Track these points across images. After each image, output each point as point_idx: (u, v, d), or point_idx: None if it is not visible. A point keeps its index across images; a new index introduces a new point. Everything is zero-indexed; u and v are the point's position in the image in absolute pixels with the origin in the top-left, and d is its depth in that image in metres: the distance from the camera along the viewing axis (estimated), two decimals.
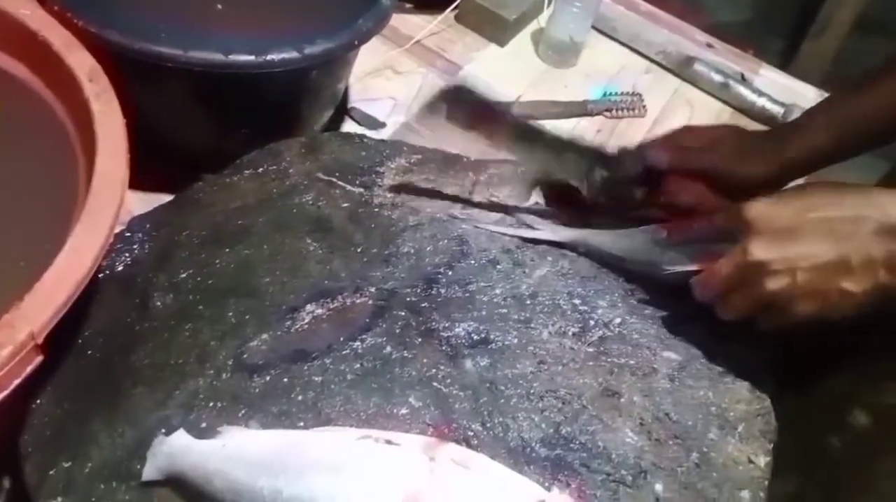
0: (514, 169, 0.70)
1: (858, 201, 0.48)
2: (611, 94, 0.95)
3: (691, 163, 0.61)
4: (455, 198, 0.65)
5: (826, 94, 1.06)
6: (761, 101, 0.98)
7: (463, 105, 0.71)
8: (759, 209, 0.50)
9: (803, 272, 0.48)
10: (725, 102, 1.00)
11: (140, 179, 0.56)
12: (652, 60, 1.03)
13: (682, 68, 1.02)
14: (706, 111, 0.98)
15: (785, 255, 0.48)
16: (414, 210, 0.64)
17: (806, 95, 1.05)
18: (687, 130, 0.65)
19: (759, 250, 0.49)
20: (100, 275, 0.57)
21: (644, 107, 0.95)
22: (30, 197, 0.56)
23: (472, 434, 0.49)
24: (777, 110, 0.98)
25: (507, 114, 0.71)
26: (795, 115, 0.96)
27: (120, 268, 0.58)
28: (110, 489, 0.46)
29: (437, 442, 0.45)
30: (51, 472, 0.47)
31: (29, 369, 0.45)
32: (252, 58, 0.59)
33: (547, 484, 0.45)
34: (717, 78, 1.00)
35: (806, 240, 0.48)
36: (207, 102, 0.67)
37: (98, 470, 0.47)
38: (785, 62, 1.19)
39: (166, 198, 0.65)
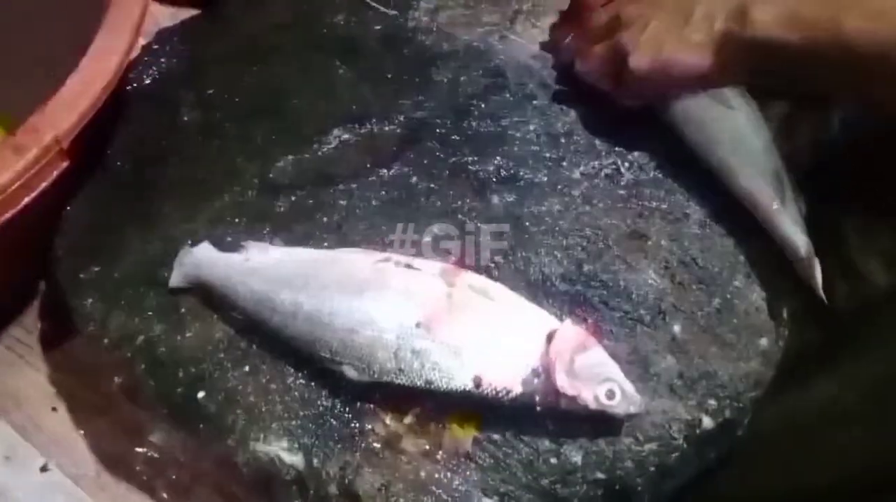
0: None
1: None
2: None
3: None
4: (494, 27, 0.62)
5: None
6: None
7: None
8: None
9: (651, 24, 0.50)
10: None
11: None
12: None
13: None
14: None
15: (641, 11, 0.51)
16: (450, 37, 0.60)
17: None
18: None
19: (623, 8, 0.52)
20: (128, 89, 0.56)
21: None
22: (55, 7, 0.55)
23: (493, 265, 0.49)
24: None
25: None
26: None
27: (148, 82, 0.57)
28: (138, 293, 0.48)
29: (456, 270, 0.45)
30: (81, 275, 0.49)
31: (55, 173, 0.46)
32: None
33: (563, 317, 0.45)
34: None
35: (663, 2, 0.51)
36: None
37: (127, 276, 0.48)
38: None
39: (195, 13, 0.63)
